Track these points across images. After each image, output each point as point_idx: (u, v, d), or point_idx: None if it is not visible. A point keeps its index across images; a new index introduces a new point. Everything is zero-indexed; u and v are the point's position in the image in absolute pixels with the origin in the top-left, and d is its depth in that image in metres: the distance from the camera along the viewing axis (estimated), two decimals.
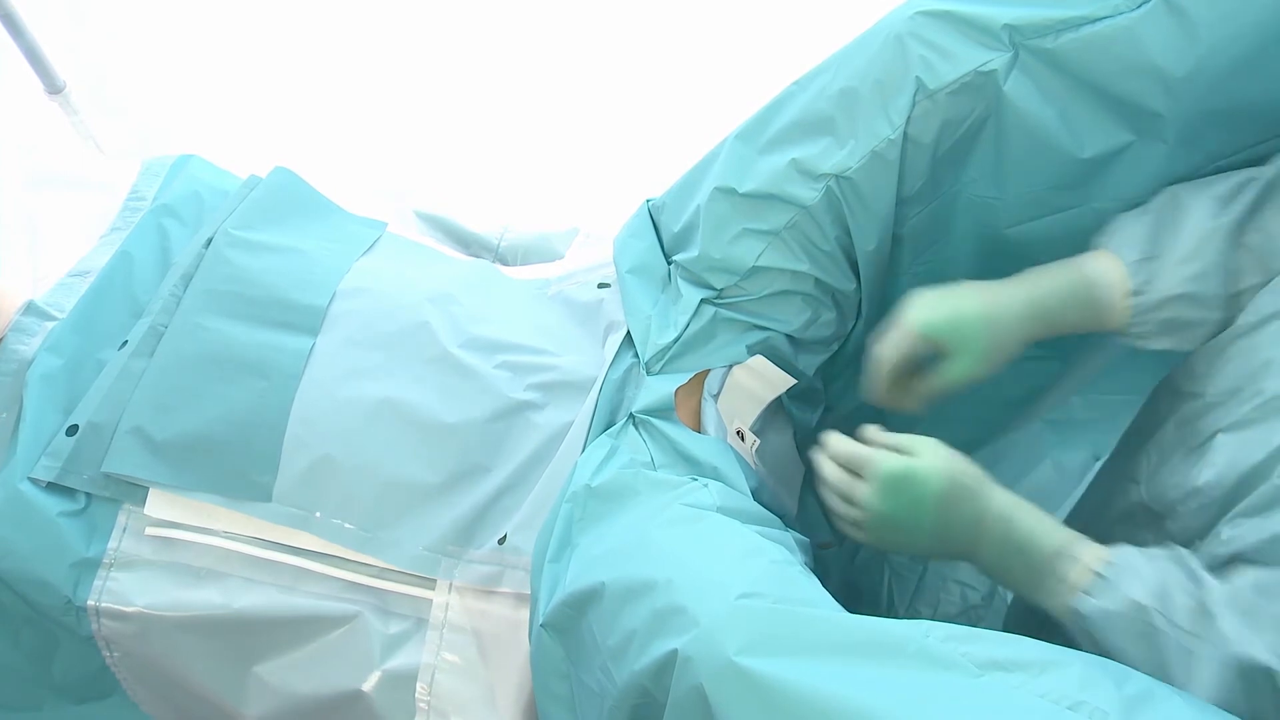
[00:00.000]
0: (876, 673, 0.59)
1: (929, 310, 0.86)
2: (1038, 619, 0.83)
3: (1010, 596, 1.21)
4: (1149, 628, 0.69)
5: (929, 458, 0.80)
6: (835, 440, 0.84)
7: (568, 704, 0.78)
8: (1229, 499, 0.71)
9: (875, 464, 0.80)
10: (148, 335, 0.97)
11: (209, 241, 1.03)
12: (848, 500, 0.82)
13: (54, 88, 1.49)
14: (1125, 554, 0.74)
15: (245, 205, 1.07)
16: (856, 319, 1.04)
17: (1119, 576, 0.72)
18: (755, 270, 0.92)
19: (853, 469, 0.82)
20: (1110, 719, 0.56)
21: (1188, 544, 0.74)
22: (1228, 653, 0.65)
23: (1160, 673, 0.67)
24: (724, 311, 0.94)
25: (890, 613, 1.26)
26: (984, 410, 1.10)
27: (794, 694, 0.58)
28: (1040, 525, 0.78)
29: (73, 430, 0.93)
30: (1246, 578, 0.66)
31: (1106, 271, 0.84)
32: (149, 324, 0.98)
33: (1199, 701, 0.61)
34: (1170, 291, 0.82)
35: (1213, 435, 0.74)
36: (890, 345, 0.88)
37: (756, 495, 0.89)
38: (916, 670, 0.60)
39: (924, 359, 0.88)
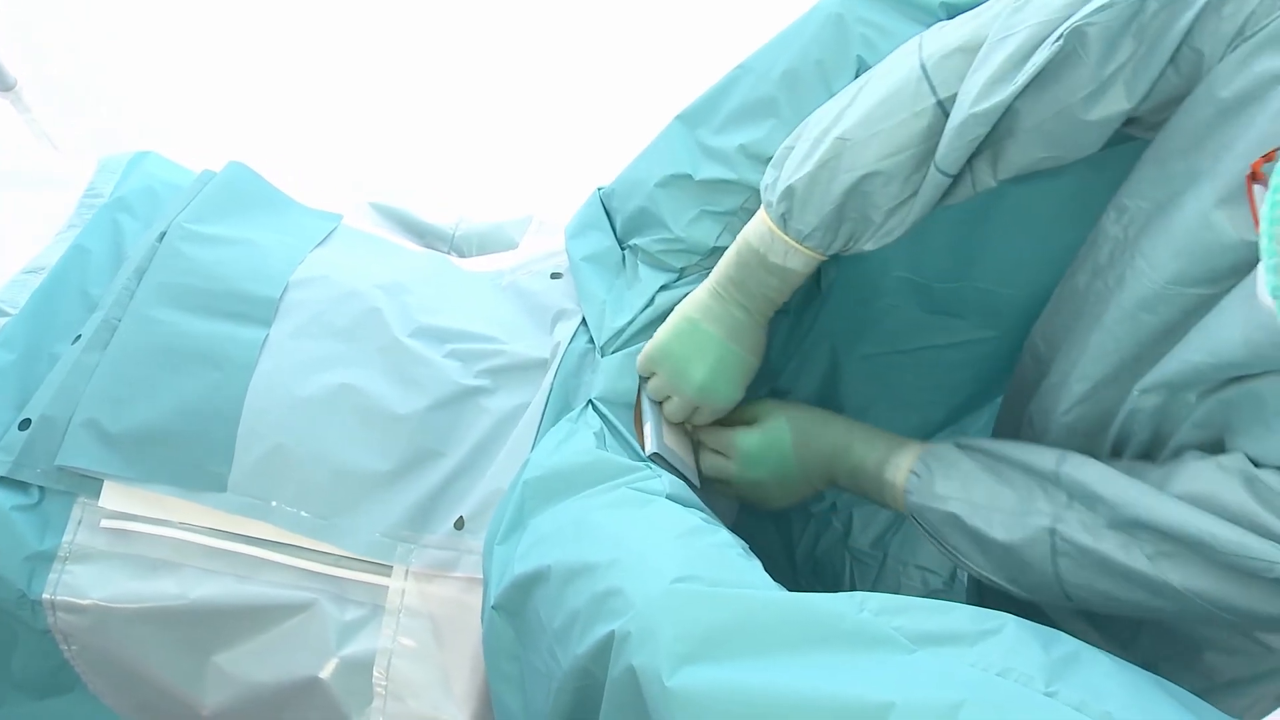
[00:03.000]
0: (809, 659, 0.60)
1: (724, 393, 0.93)
2: (999, 601, 0.86)
3: (966, 578, 1.23)
4: (957, 519, 0.82)
5: (775, 420, 0.94)
6: (702, 433, 0.97)
7: (518, 685, 0.79)
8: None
9: (735, 444, 0.94)
10: (101, 328, 0.97)
11: (162, 235, 1.03)
12: (725, 479, 0.96)
13: (4, 85, 1.48)
14: (941, 451, 0.86)
15: (199, 199, 1.07)
16: (818, 298, 1.06)
17: (932, 474, 0.85)
18: (715, 250, 0.94)
19: (720, 451, 0.95)
20: (1035, 682, 0.57)
21: None
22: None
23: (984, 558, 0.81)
24: (682, 291, 0.95)
25: None
26: (935, 394, 1.12)
27: (729, 700, 0.59)
28: (868, 443, 0.92)
29: (25, 424, 0.93)
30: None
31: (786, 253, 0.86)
32: (102, 317, 0.98)
33: (1121, 661, 0.62)
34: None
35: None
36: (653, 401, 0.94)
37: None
38: (850, 652, 0.60)
39: None
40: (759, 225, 0.86)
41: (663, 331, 0.92)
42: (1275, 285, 0.51)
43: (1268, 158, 0.52)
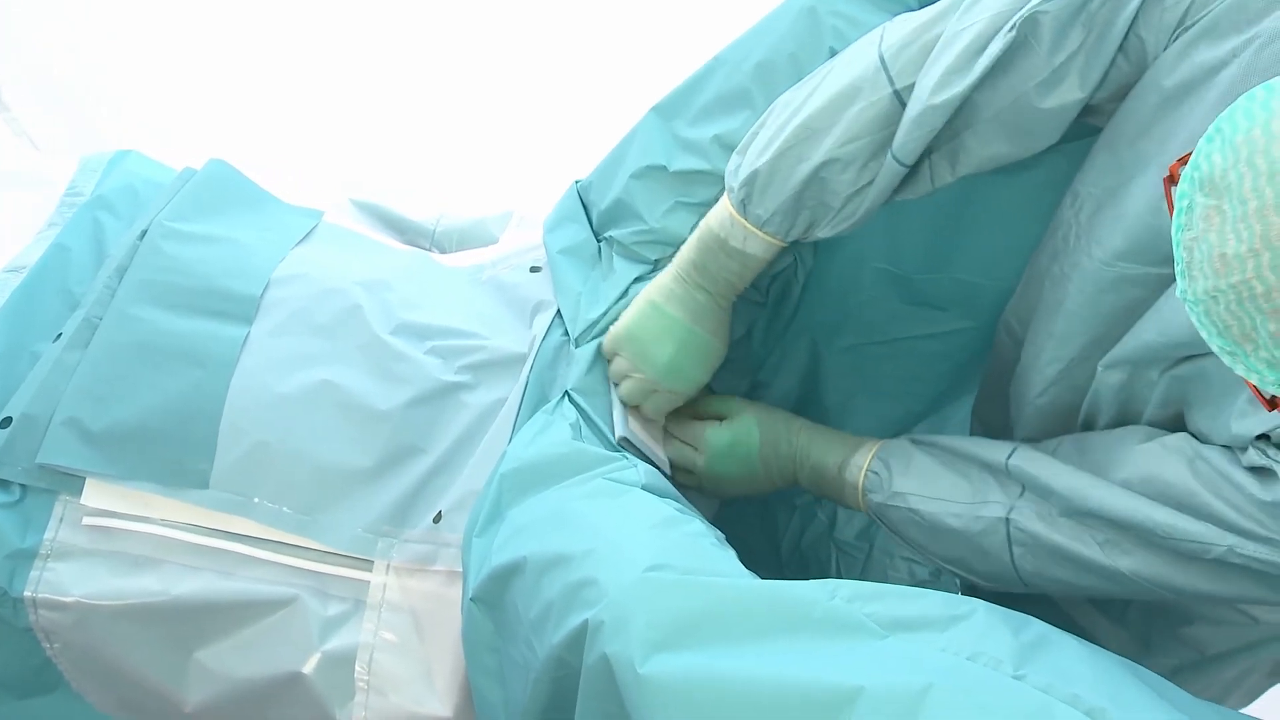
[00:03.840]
0: (780, 645, 0.61)
1: (688, 376, 0.92)
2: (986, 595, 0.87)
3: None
4: (916, 514, 0.85)
5: (744, 420, 0.95)
6: (672, 425, 0.96)
7: (498, 677, 0.79)
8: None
9: (706, 439, 0.95)
10: (82, 327, 0.97)
11: (143, 233, 1.03)
12: (690, 469, 0.96)
13: None
14: (896, 448, 0.89)
15: (180, 197, 1.07)
16: (796, 291, 1.06)
17: (890, 471, 0.87)
18: None
19: (689, 443, 0.96)
20: (1004, 666, 0.58)
21: None
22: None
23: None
24: None
25: None
26: (916, 385, 1.13)
27: (701, 687, 0.60)
28: (827, 447, 0.93)
29: (6, 422, 0.93)
30: None
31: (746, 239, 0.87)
32: (83, 316, 0.98)
33: (1090, 645, 0.62)
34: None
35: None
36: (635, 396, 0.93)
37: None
38: (822, 638, 0.61)
39: None
40: (721, 210, 0.88)
41: (626, 315, 0.93)
42: (1183, 289, 0.52)
43: (1183, 161, 0.53)
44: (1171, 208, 0.53)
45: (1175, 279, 0.70)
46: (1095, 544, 0.76)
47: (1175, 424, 0.78)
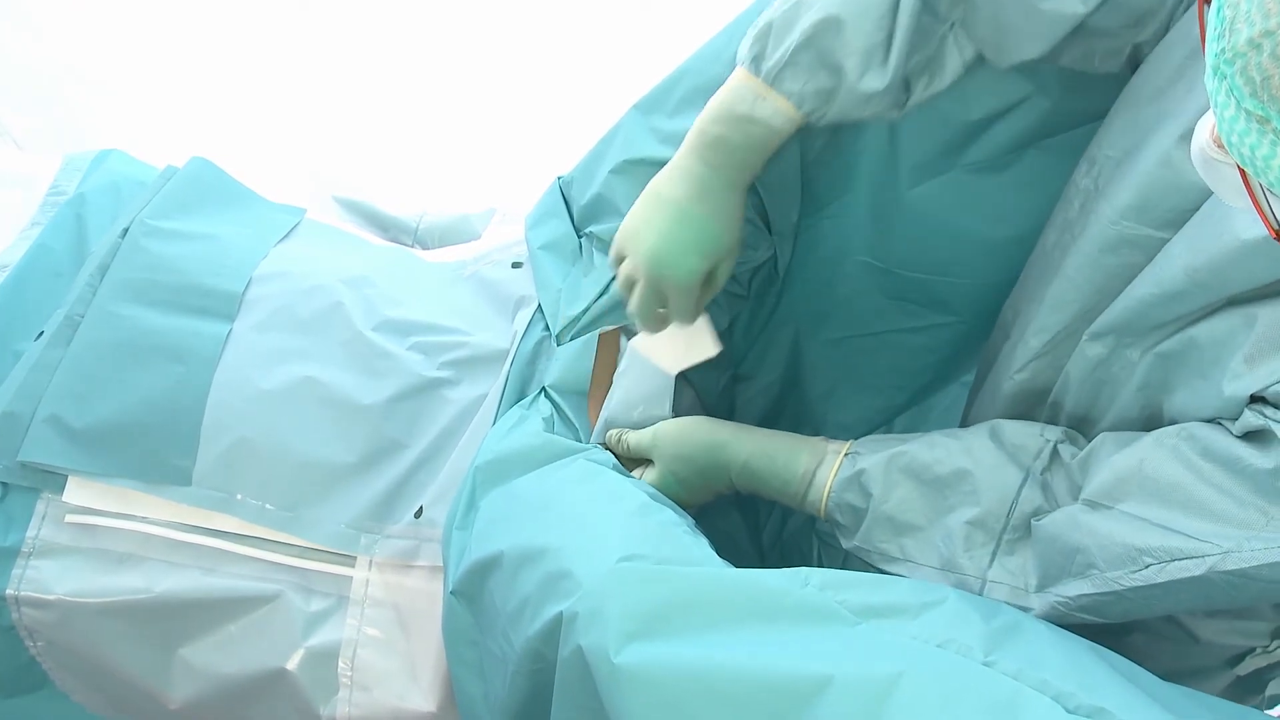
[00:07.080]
0: (753, 634, 0.61)
1: (678, 262, 0.83)
2: None
3: None
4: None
5: (659, 466, 0.89)
6: (625, 437, 0.91)
7: (478, 670, 0.80)
8: None
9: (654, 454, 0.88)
10: (64, 325, 0.97)
11: (125, 231, 1.04)
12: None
13: None
14: (866, 448, 0.84)
15: (162, 195, 1.08)
16: (777, 283, 1.06)
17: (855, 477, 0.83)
18: None
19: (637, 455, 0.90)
20: (974, 653, 0.58)
21: None
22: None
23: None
24: None
25: None
26: (899, 378, 1.13)
27: (674, 677, 0.60)
28: (777, 467, 0.87)
29: None
30: None
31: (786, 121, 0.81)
32: (65, 313, 0.98)
33: (1061, 631, 0.63)
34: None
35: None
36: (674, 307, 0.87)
37: None
38: (794, 626, 0.61)
39: None
40: (730, 81, 0.83)
41: (630, 210, 0.87)
42: (1217, 53, 0.46)
43: None
44: (1202, 26, 0.50)
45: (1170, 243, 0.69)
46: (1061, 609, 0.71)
47: (1148, 421, 0.75)
